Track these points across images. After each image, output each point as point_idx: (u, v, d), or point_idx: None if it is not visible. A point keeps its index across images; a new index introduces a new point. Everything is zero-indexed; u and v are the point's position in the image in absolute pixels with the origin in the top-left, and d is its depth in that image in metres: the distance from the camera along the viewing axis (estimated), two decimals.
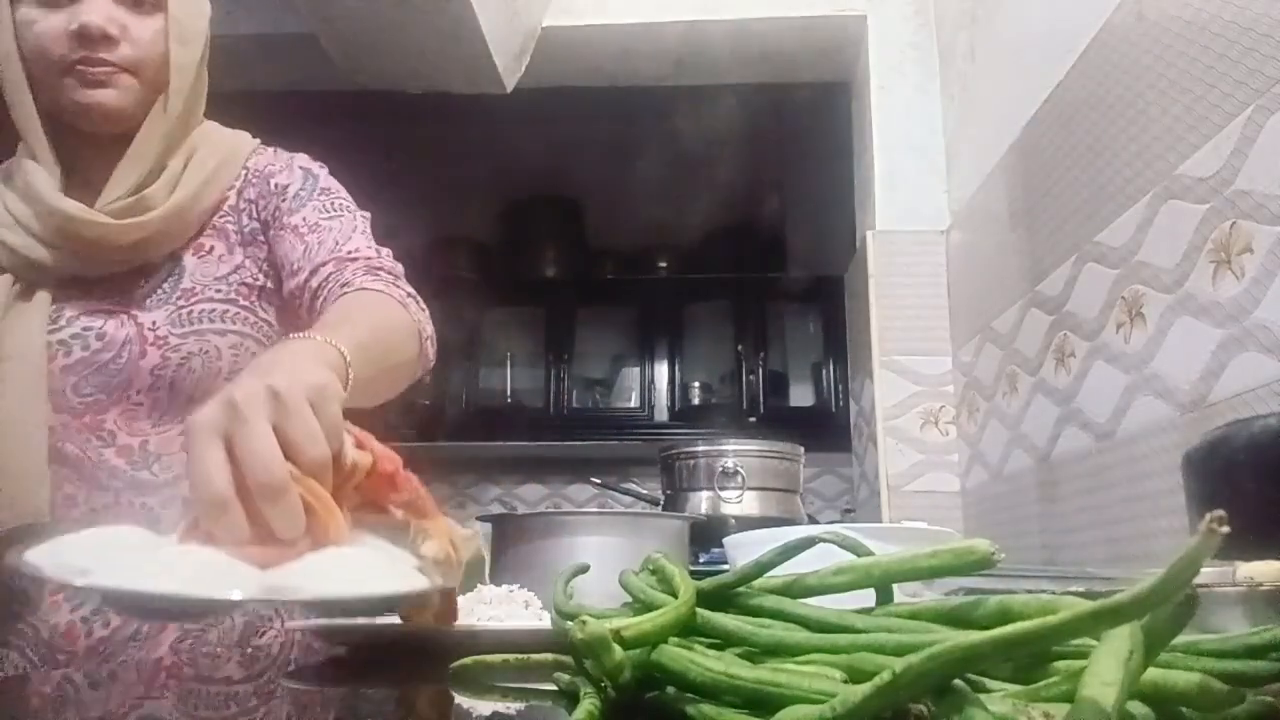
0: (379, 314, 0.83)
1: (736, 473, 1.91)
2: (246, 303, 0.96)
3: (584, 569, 0.55)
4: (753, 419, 3.26)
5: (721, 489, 1.91)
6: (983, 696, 0.28)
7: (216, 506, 0.49)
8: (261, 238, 0.97)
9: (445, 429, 3.26)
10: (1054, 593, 0.43)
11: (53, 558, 0.47)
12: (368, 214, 1.00)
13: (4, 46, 0.87)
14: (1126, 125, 1.28)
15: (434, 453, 3.48)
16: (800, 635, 0.38)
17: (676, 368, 3.43)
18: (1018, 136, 1.67)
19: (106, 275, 0.92)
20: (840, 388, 3.26)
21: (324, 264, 0.91)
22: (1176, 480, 0.87)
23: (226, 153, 0.99)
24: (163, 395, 0.91)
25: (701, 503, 1.93)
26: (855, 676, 0.31)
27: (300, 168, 1.01)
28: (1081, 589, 0.56)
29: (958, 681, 0.27)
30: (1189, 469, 0.81)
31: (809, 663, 0.35)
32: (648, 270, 3.73)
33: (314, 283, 0.91)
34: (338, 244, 0.93)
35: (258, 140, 1.05)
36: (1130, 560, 1.24)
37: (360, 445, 0.56)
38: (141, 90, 0.91)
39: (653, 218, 3.61)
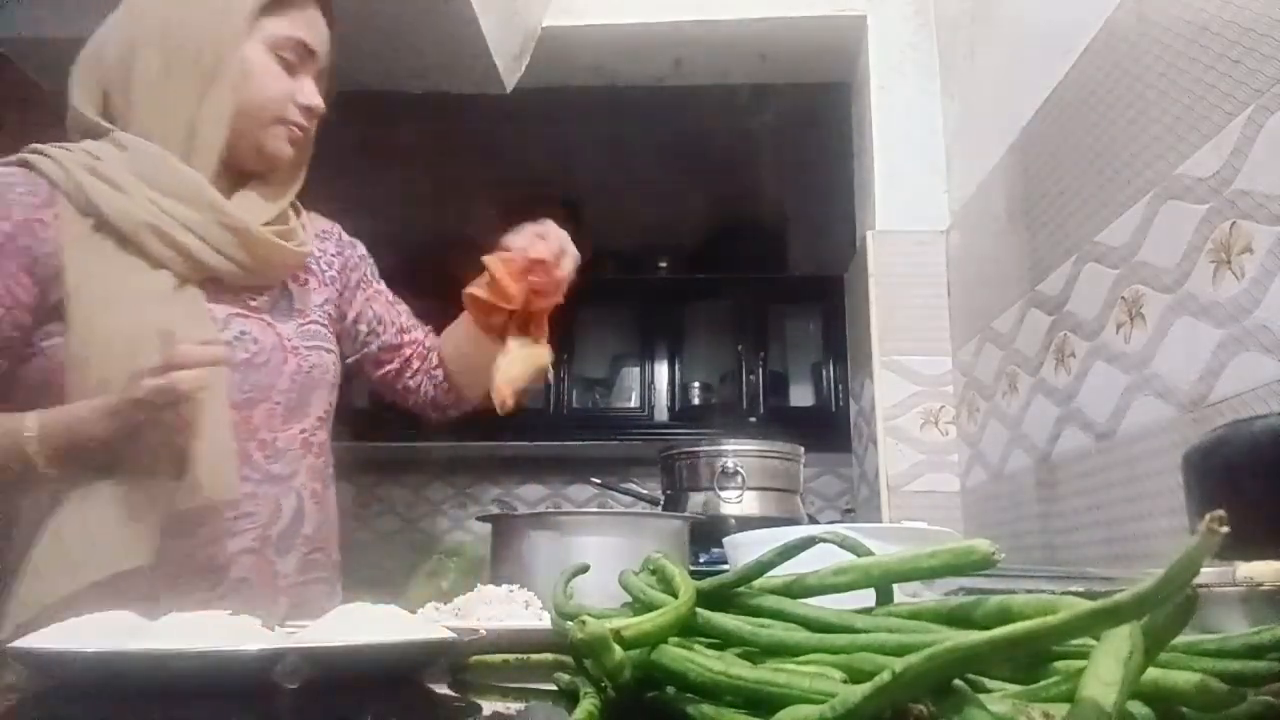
0: None
1: (736, 473, 1.91)
2: (332, 331, 1.16)
3: (584, 569, 0.55)
4: (753, 419, 3.26)
5: (721, 489, 1.91)
6: (983, 696, 0.28)
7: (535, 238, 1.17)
8: (337, 285, 1.19)
9: (445, 429, 3.26)
10: (1054, 593, 0.43)
11: (58, 638, 0.50)
12: None
13: (250, 82, 1.02)
14: (1126, 125, 1.28)
15: (434, 453, 3.48)
16: (800, 635, 0.38)
17: (676, 368, 3.43)
18: (1018, 136, 1.67)
19: (243, 286, 1.04)
20: (840, 388, 3.26)
21: (419, 330, 1.30)
22: (1176, 480, 0.87)
23: None
24: (294, 399, 1.06)
25: (701, 503, 1.93)
26: (855, 676, 0.31)
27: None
28: (1081, 589, 0.56)
29: (958, 681, 0.27)
30: (1189, 469, 0.81)
31: (809, 663, 0.35)
32: (648, 270, 3.73)
33: (427, 341, 1.29)
34: (412, 323, 1.29)
35: None
36: (1130, 560, 1.24)
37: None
38: (301, 150, 1.10)
39: (653, 218, 3.61)
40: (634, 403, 3.47)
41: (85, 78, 1.04)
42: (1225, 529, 0.23)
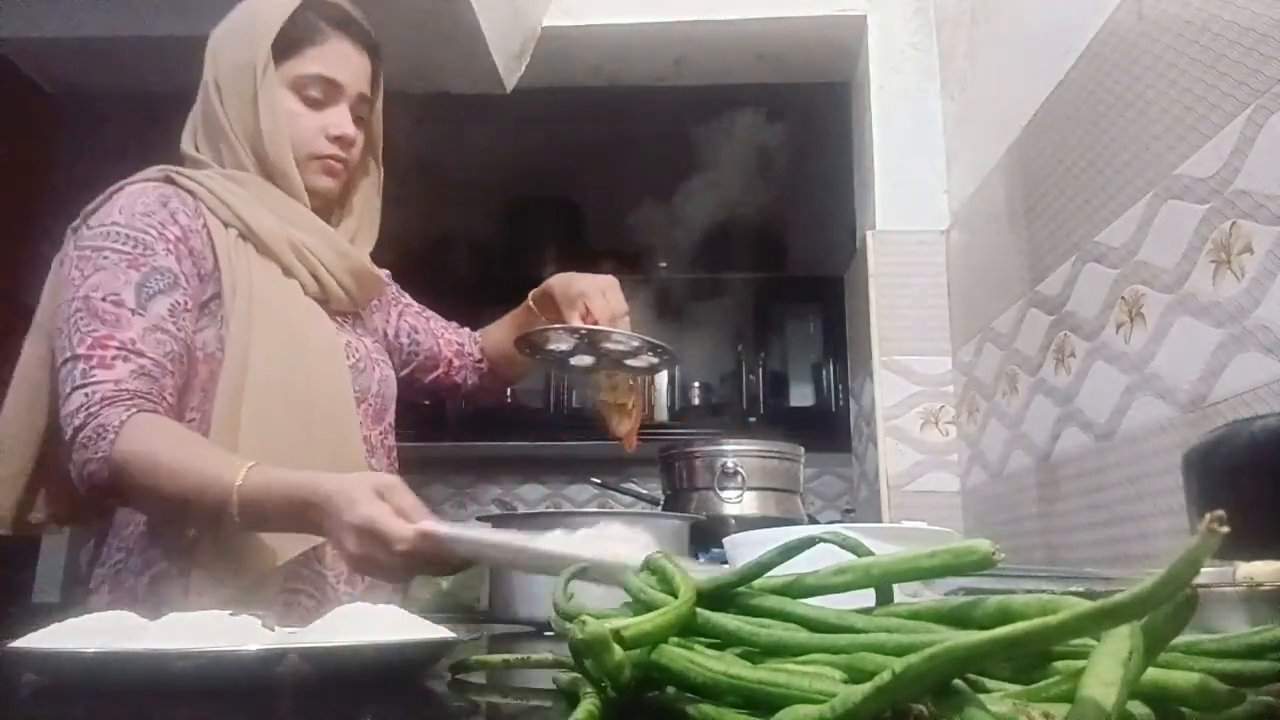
0: None
1: (736, 473, 1.91)
2: (386, 348, 1.29)
3: (584, 569, 0.55)
4: (753, 419, 3.26)
5: (721, 489, 1.91)
6: (983, 696, 0.28)
7: (608, 320, 1.25)
8: (378, 305, 1.31)
9: (445, 429, 3.26)
10: (1054, 593, 0.43)
11: (58, 638, 0.50)
12: None
13: (279, 118, 1.10)
14: (1126, 125, 1.28)
15: (434, 452, 3.48)
16: (800, 635, 0.38)
17: (676, 368, 3.43)
18: (1018, 136, 1.67)
19: (341, 309, 1.17)
20: (840, 388, 3.26)
21: (455, 332, 1.42)
22: (1176, 480, 0.87)
23: None
24: (379, 403, 1.19)
25: (702, 503, 1.93)
26: (855, 676, 0.31)
27: None
28: (1081, 589, 0.56)
29: (958, 681, 0.27)
30: (1189, 469, 0.81)
31: (809, 663, 0.35)
32: (648, 270, 3.73)
33: (466, 344, 1.42)
34: (447, 324, 1.42)
35: None
36: (1130, 560, 1.24)
37: None
38: (346, 177, 1.18)
39: (653, 218, 3.61)
40: None
41: (194, 124, 1.15)
42: (1225, 529, 0.23)
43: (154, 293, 0.99)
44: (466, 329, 1.45)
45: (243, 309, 1.02)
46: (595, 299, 1.24)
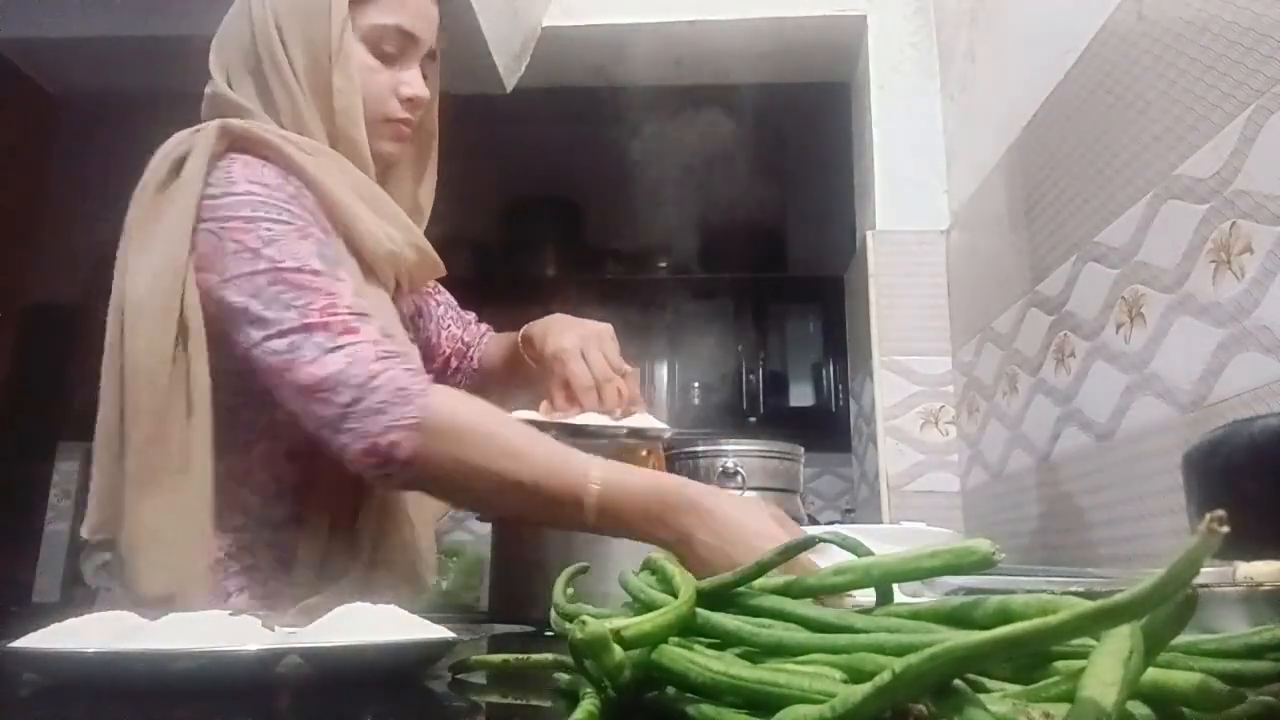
0: None
1: (736, 473, 1.91)
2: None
3: (584, 569, 0.55)
4: (753, 419, 3.26)
5: (721, 489, 1.91)
6: (983, 696, 0.28)
7: (588, 390, 1.00)
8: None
9: None
10: (1054, 593, 0.43)
11: (58, 638, 0.50)
12: None
13: (354, 83, 0.96)
14: (1126, 125, 1.28)
15: None
16: (800, 635, 0.38)
17: (676, 368, 3.43)
18: (1018, 136, 1.67)
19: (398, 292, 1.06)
20: (840, 388, 3.26)
21: (456, 322, 1.29)
22: (1176, 480, 0.87)
23: None
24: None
25: None
26: (855, 676, 0.31)
27: None
28: (1081, 589, 0.56)
29: (958, 681, 0.27)
30: (1189, 469, 0.81)
31: (809, 663, 0.35)
32: (648, 270, 3.73)
33: (466, 334, 1.29)
34: (452, 308, 1.31)
35: None
36: (1130, 560, 1.24)
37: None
38: (408, 145, 1.07)
39: (653, 218, 3.60)
40: None
41: (230, 60, 0.98)
42: (1225, 529, 0.23)
43: (336, 262, 0.88)
44: (482, 327, 1.28)
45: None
46: (573, 364, 1.00)
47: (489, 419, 0.81)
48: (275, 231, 0.85)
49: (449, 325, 1.24)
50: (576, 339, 1.03)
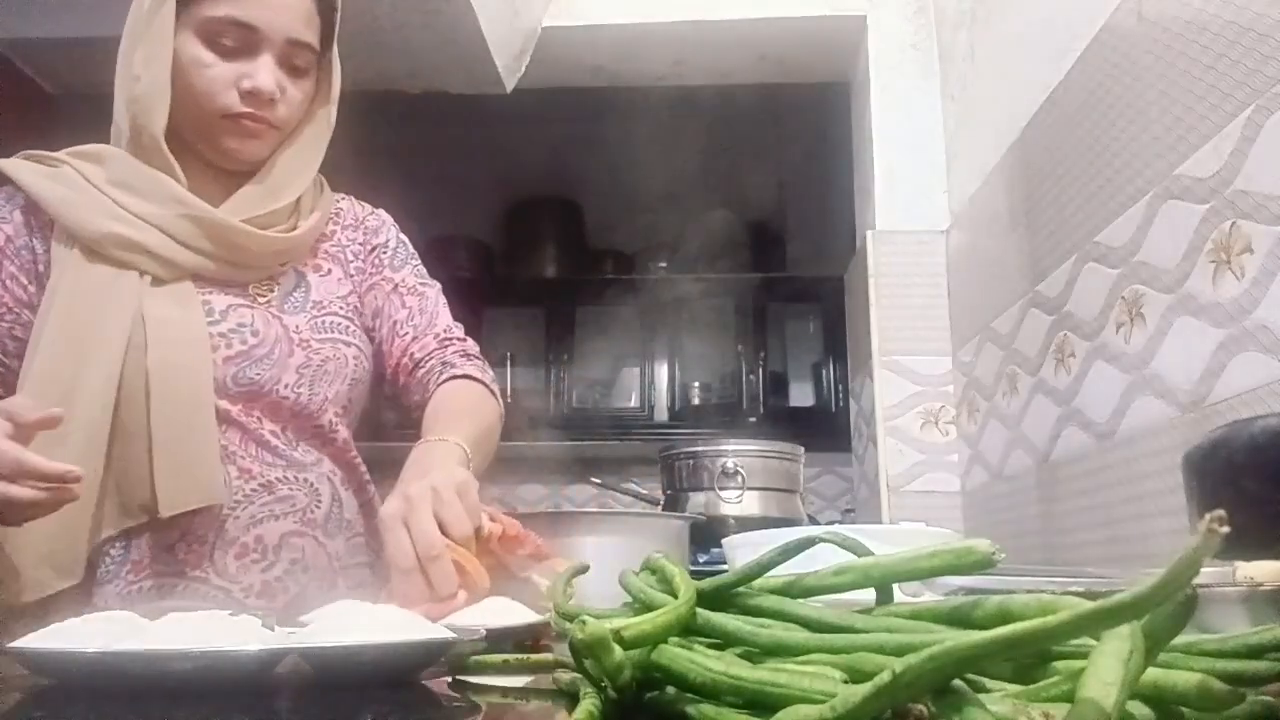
0: (483, 410, 1.06)
1: (736, 473, 1.91)
2: (357, 324, 1.10)
3: (584, 569, 0.55)
4: (753, 419, 3.26)
5: (721, 489, 1.91)
6: (983, 696, 0.28)
7: (409, 572, 0.75)
8: (361, 276, 1.12)
9: None
10: (1054, 593, 0.43)
11: (58, 638, 0.50)
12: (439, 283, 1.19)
13: (157, 74, 0.95)
14: (1126, 125, 1.28)
15: None
16: (800, 635, 0.38)
17: (676, 368, 3.43)
18: (1018, 136, 1.67)
19: (237, 279, 1.02)
20: (840, 388, 3.26)
21: (426, 337, 1.10)
22: (1176, 480, 0.87)
23: (325, 188, 1.13)
24: (304, 391, 1.02)
25: (701, 503, 1.93)
26: (855, 676, 0.31)
27: (392, 225, 1.19)
28: (1081, 589, 0.56)
29: (958, 681, 0.27)
30: (1189, 469, 0.81)
31: (809, 663, 0.35)
32: (648, 270, 3.73)
33: (416, 352, 1.09)
34: (434, 318, 1.12)
35: None
36: (1130, 560, 1.24)
37: (492, 519, 0.83)
38: (278, 140, 1.02)
39: (653, 218, 3.61)
40: (634, 403, 3.47)
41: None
42: (1225, 529, 0.23)
43: None
44: (448, 349, 1.10)
45: (49, 303, 0.94)
46: (391, 538, 0.78)
47: None
48: None
49: (404, 335, 1.11)
50: (401, 502, 0.80)
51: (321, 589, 1.01)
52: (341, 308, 1.08)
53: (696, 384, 3.48)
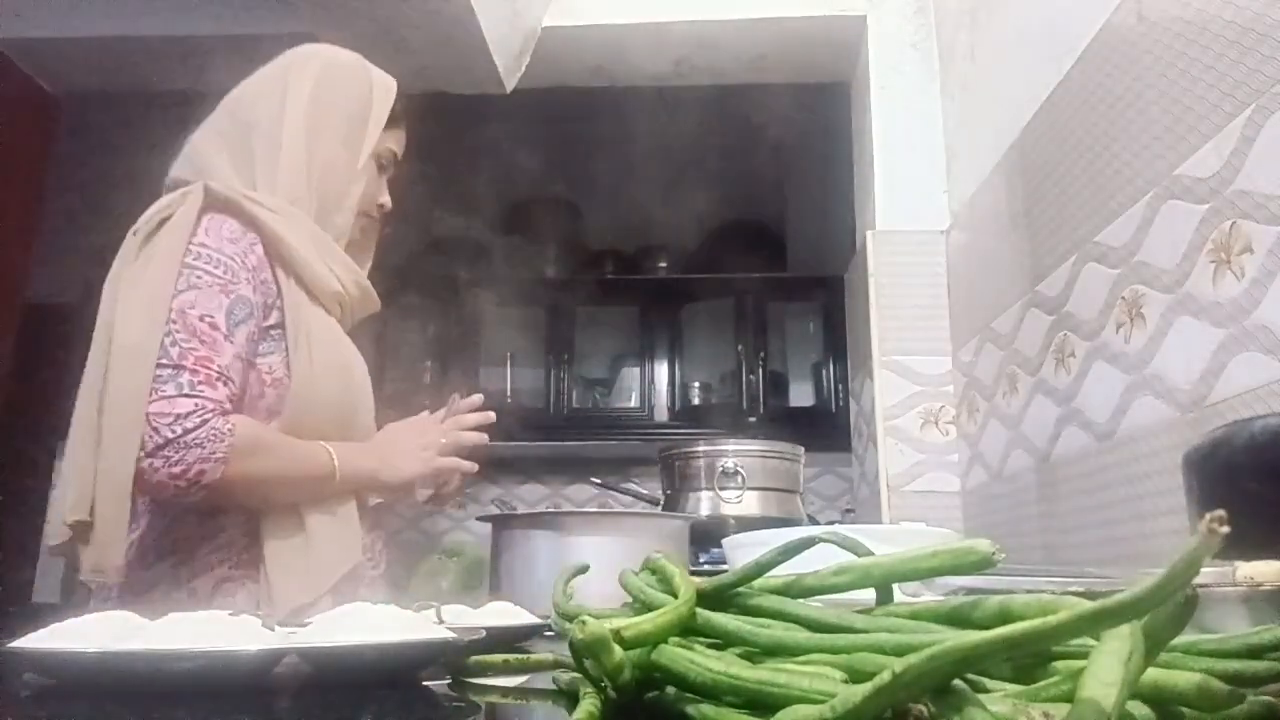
0: None
1: (736, 473, 1.91)
2: None
3: (584, 569, 0.55)
4: (753, 419, 3.26)
5: (721, 489, 1.91)
6: (983, 696, 0.28)
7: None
8: None
9: None
10: (1054, 593, 0.43)
11: (58, 638, 0.50)
12: None
13: (358, 180, 1.24)
14: (1126, 125, 1.28)
15: None
16: (800, 635, 0.38)
17: (676, 368, 3.43)
18: (1018, 136, 1.67)
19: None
20: (840, 388, 3.26)
21: None
22: (1176, 480, 0.87)
23: None
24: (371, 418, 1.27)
25: (701, 503, 1.93)
26: (855, 676, 0.31)
27: None
28: (1081, 589, 0.56)
29: (958, 681, 0.27)
30: (1189, 469, 0.81)
31: (809, 663, 0.35)
32: (648, 270, 3.73)
33: None
34: None
35: None
36: (1130, 560, 1.24)
37: None
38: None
39: (653, 218, 3.61)
40: (634, 403, 3.48)
41: (221, 140, 1.19)
42: (1225, 529, 0.23)
43: (239, 321, 1.08)
44: None
45: (302, 338, 1.13)
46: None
47: (270, 439, 1.08)
48: (201, 280, 1.06)
49: None
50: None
51: (371, 595, 1.16)
52: None
53: (696, 384, 3.48)
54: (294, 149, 1.18)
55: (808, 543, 0.45)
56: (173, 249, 1.07)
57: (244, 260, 1.10)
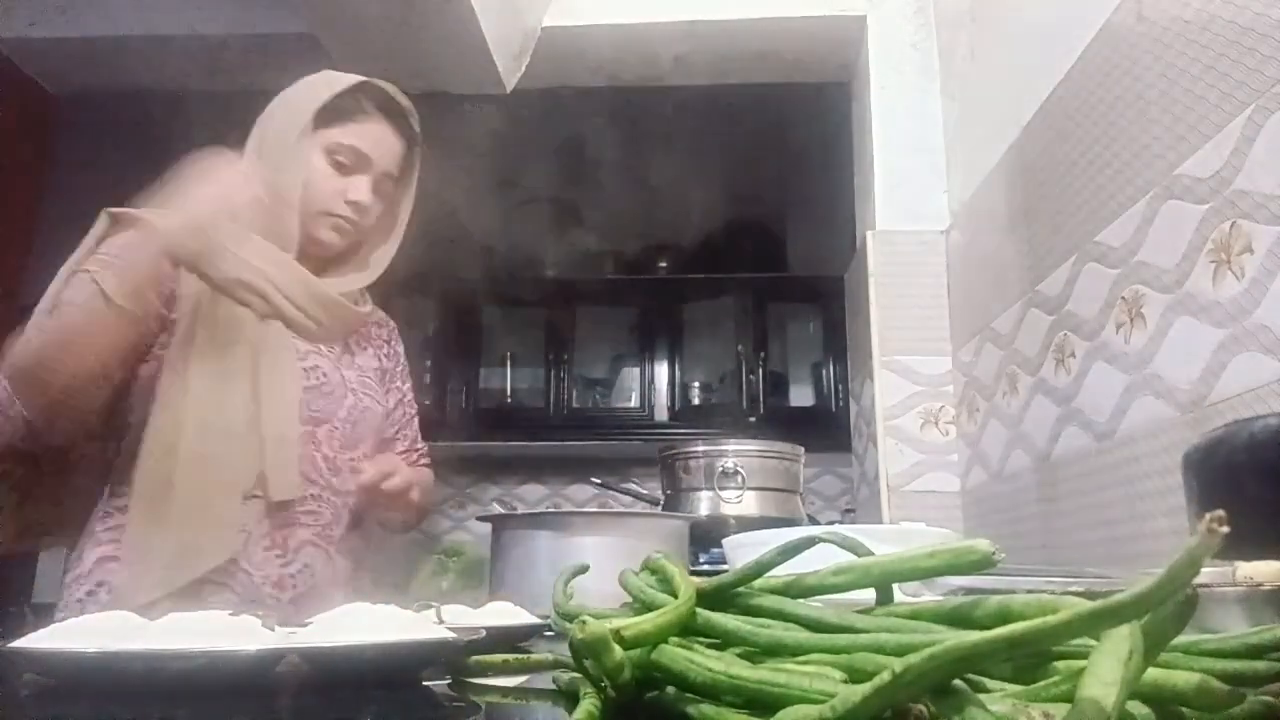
0: (424, 476, 1.39)
1: (736, 473, 1.91)
2: (380, 394, 1.33)
3: (584, 569, 0.55)
4: (753, 419, 3.26)
5: (721, 489, 1.91)
6: (983, 696, 0.28)
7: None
8: (385, 366, 1.37)
9: (445, 429, 3.27)
10: (1054, 593, 0.43)
11: (58, 638, 0.50)
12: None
13: (294, 178, 1.21)
14: (1126, 125, 1.28)
15: (434, 453, 3.47)
16: (800, 635, 0.38)
17: (676, 368, 3.43)
18: (1018, 136, 1.67)
19: (317, 336, 1.24)
20: (840, 388, 3.26)
21: (410, 445, 1.41)
22: (1176, 480, 0.87)
23: None
24: (349, 429, 1.24)
25: (701, 503, 1.93)
26: (855, 676, 0.31)
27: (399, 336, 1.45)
28: (1081, 589, 0.56)
29: (958, 681, 0.27)
30: (1189, 469, 0.81)
31: (809, 663, 0.35)
32: (648, 270, 3.73)
33: (400, 448, 1.39)
34: (416, 434, 1.43)
35: None
36: (1130, 560, 1.24)
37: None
38: (354, 240, 1.28)
39: (653, 218, 3.61)
40: (634, 403, 3.48)
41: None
42: (1225, 529, 0.23)
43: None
44: (409, 457, 1.41)
45: (187, 328, 1.13)
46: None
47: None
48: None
49: (398, 441, 1.40)
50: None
51: (323, 596, 1.16)
52: (370, 375, 1.32)
53: (696, 384, 3.48)
54: (250, 151, 1.21)
55: (808, 543, 0.45)
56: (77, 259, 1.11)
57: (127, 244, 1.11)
